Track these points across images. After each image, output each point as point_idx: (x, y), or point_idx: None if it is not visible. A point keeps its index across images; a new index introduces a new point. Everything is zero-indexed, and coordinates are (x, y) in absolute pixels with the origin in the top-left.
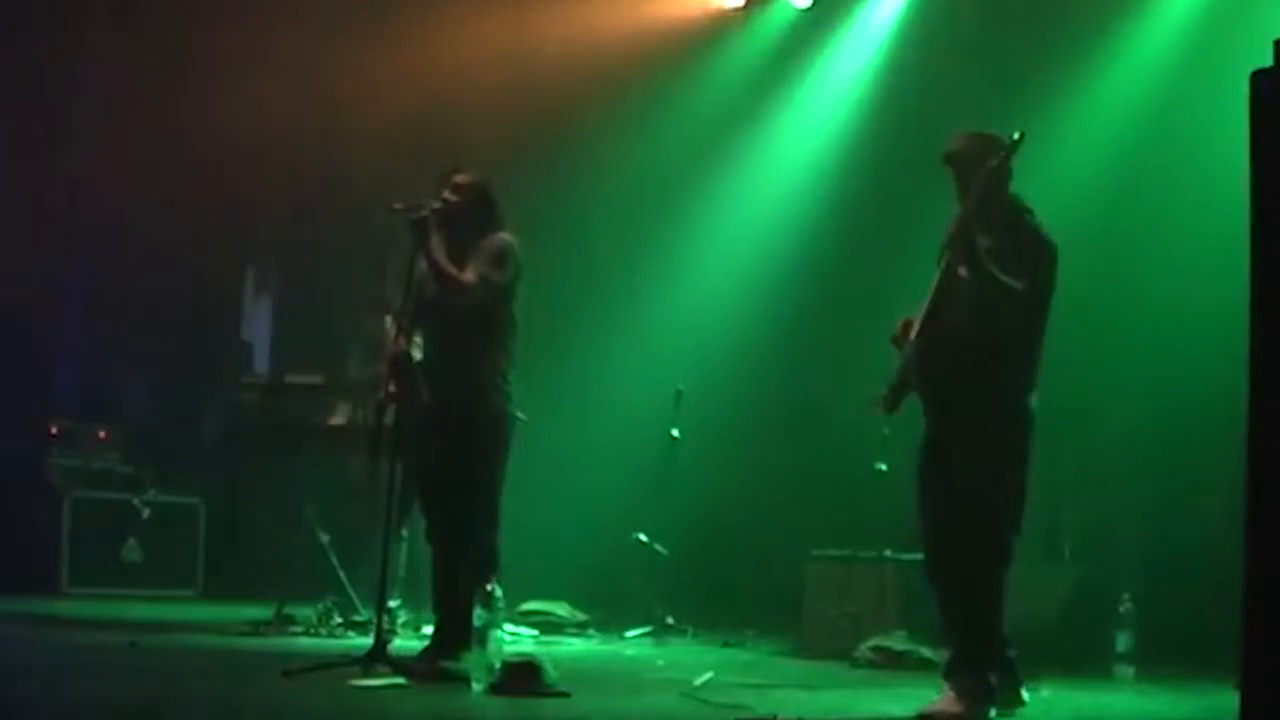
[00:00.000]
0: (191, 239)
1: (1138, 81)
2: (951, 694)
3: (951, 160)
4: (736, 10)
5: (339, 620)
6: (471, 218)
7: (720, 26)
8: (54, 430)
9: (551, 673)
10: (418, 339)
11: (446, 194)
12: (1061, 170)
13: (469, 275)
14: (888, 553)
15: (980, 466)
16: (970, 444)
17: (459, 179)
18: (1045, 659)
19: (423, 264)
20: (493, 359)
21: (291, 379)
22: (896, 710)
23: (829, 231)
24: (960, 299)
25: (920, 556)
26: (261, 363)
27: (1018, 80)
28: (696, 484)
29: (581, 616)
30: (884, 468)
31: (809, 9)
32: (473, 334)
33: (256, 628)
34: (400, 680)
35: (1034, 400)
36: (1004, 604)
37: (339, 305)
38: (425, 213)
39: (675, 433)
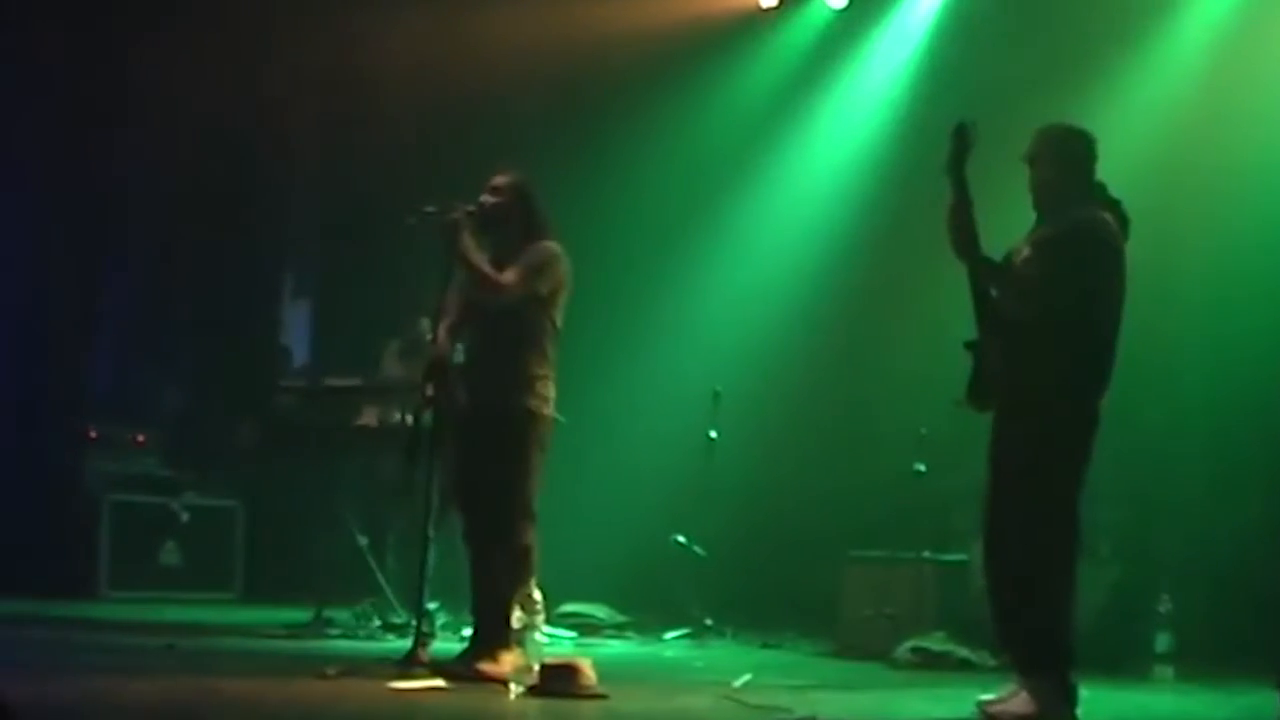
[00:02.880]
0: (230, 242)
1: (1178, 78)
2: (1025, 694)
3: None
4: (771, 10)
5: (377, 622)
6: (512, 220)
7: (755, 26)
8: (92, 434)
9: (590, 674)
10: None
11: (485, 196)
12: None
13: (507, 277)
14: (926, 553)
15: (1025, 466)
16: (1012, 443)
17: (497, 181)
18: (1083, 659)
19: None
20: (530, 362)
21: (330, 382)
22: (935, 712)
23: (867, 231)
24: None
25: (959, 557)
26: (300, 366)
27: (1056, 80)
28: (735, 485)
29: (620, 618)
30: (922, 468)
31: (845, 9)
32: (510, 337)
33: (295, 630)
34: (438, 682)
35: (1091, 398)
36: (1067, 604)
37: (378, 308)
38: (456, 215)
39: (713, 434)
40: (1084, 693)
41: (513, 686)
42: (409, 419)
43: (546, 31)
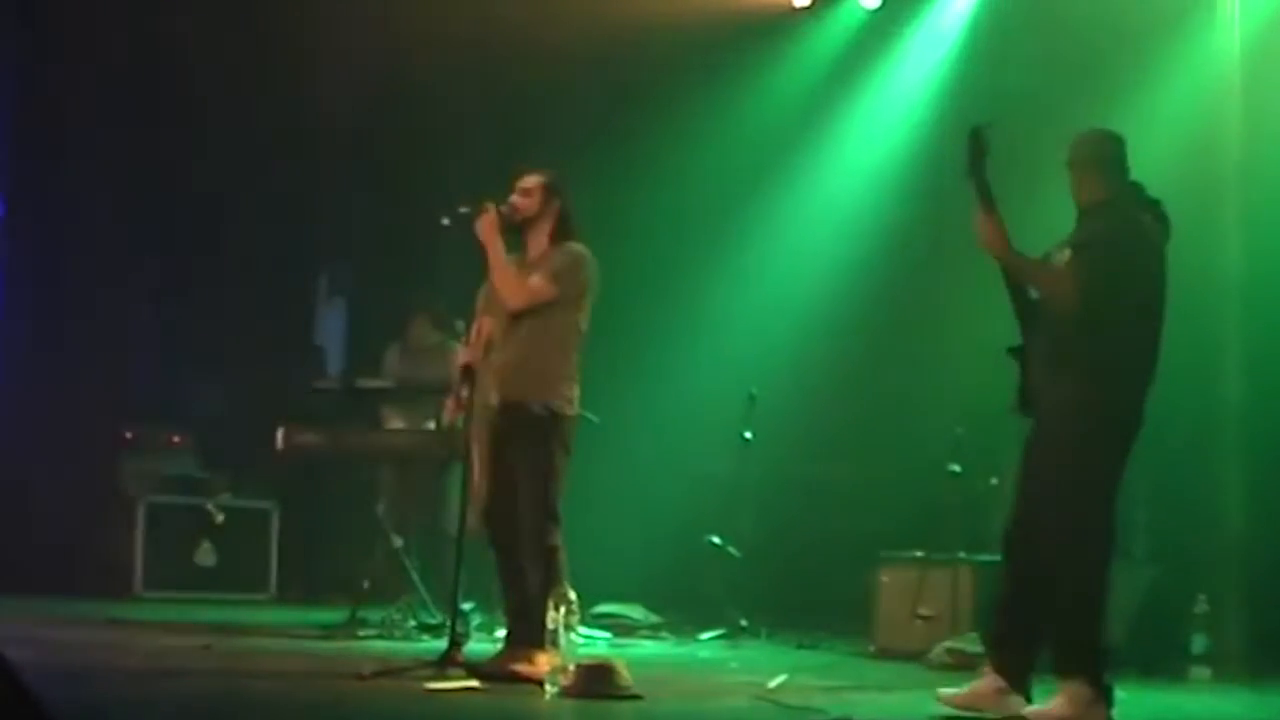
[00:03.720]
0: (265, 243)
1: (1211, 83)
2: (1063, 697)
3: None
4: (804, 9)
5: (412, 623)
6: (541, 221)
7: (788, 26)
8: (128, 436)
9: (625, 675)
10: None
11: (515, 197)
12: (1139, 172)
13: (534, 282)
14: (961, 554)
15: (1064, 466)
16: (1051, 444)
17: (527, 182)
18: (1120, 661)
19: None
20: (555, 363)
21: (364, 383)
22: (970, 713)
23: (901, 231)
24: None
25: (994, 557)
26: (334, 367)
27: (1091, 81)
28: (769, 486)
29: (655, 619)
30: (957, 469)
31: (878, 9)
32: (536, 339)
33: (330, 631)
34: (474, 683)
35: (1132, 400)
36: (1102, 606)
37: (412, 309)
38: (488, 215)
39: (748, 435)
40: (1120, 694)
41: (547, 687)
42: (436, 423)
43: (580, 30)
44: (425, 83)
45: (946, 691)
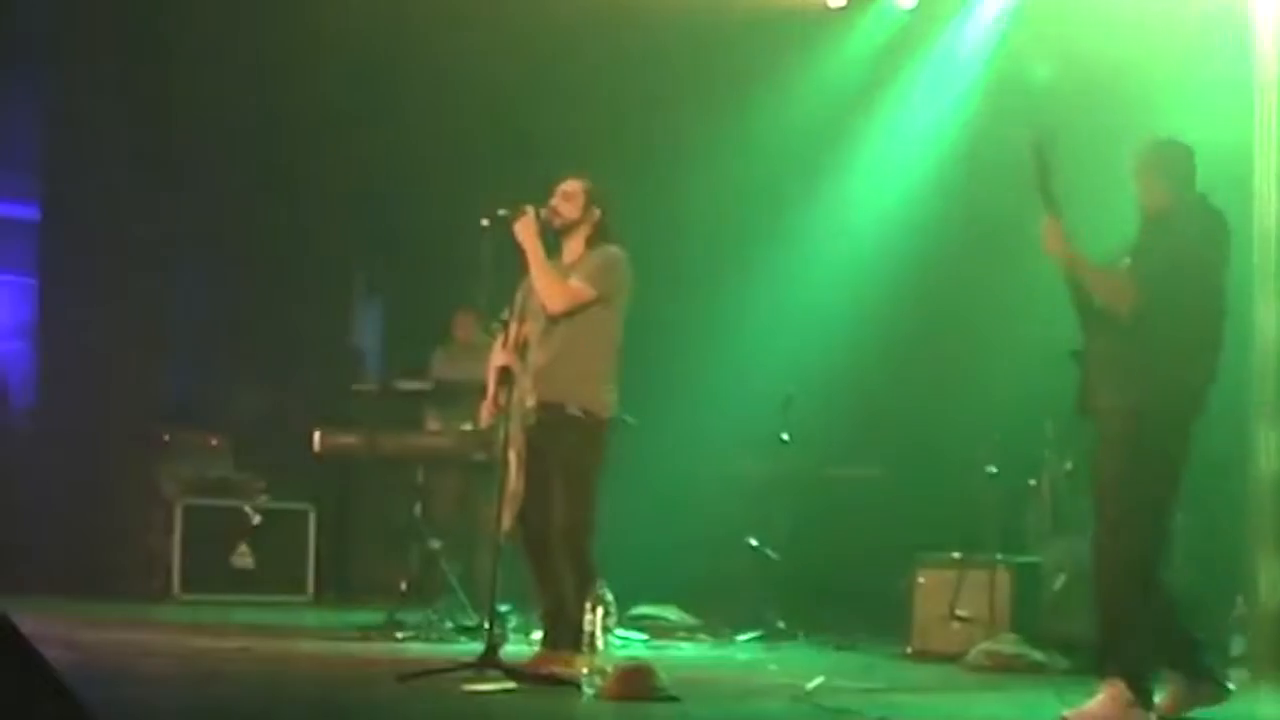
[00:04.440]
0: (302, 244)
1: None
2: (1103, 698)
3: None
4: (839, 9)
5: (449, 625)
6: (580, 226)
7: (823, 27)
8: (165, 438)
9: (662, 677)
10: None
11: (555, 202)
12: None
13: (573, 285)
14: (999, 555)
15: (1111, 470)
16: (1105, 448)
17: (567, 187)
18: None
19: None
20: (593, 366)
21: (402, 385)
22: (1008, 715)
23: (940, 232)
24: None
25: (1032, 559)
26: (372, 369)
27: (1126, 84)
28: (806, 487)
29: (692, 621)
30: (994, 470)
31: (914, 9)
32: (574, 341)
33: (367, 633)
34: (511, 685)
35: (1193, 407)
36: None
37: (448, 311)
38: (527, 218)
39: (785, 437)
40: (1156, 698)
41: (584, 689)
42: (472, 426)
43: (615, 31)
44: (463, 83)
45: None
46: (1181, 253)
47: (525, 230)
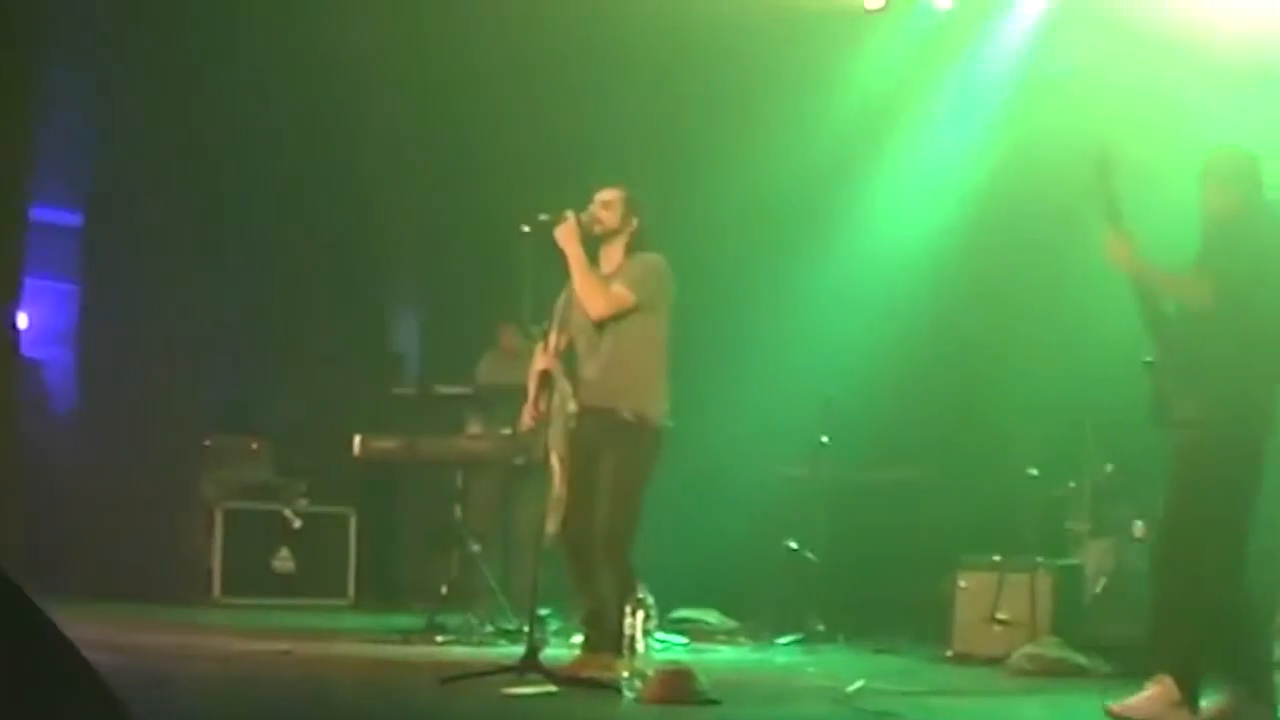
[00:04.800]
0: (343, 249)
1: None
2: (1149, 695)
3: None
4: (877, 11)
5: (490, 628)
6: (620, 234)
7: (861, 28)
8: (207, 443)
9: (702, 680)
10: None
11: (596, 210)
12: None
13: (617, 290)
14: (1040, 558)
15: (1185, 479)
16: (1178, 456)
17: (607, 195)
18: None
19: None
20: (647, 372)
21: (442, 389)
22: (1049, 718)
23: (981, 232)
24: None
25: (1073, 561)
26: (412, 373)
27: (1164, 85)
28: (846, 490)
29: (731, 624)
30: (1035, 473)
31: (952, 10)
32: (624, 348)
33: (408, 636)
34: (552, 689)
35: (1254, 411)
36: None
37: (487, 316)
38: (569, 223)
39: (825, 439)
40: (1203, 702)
41: (625, 692)
42: (512, 430)
43: (649, 33)
44: (498, 88)
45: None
46: (1255, 254)
47: (566, 235)
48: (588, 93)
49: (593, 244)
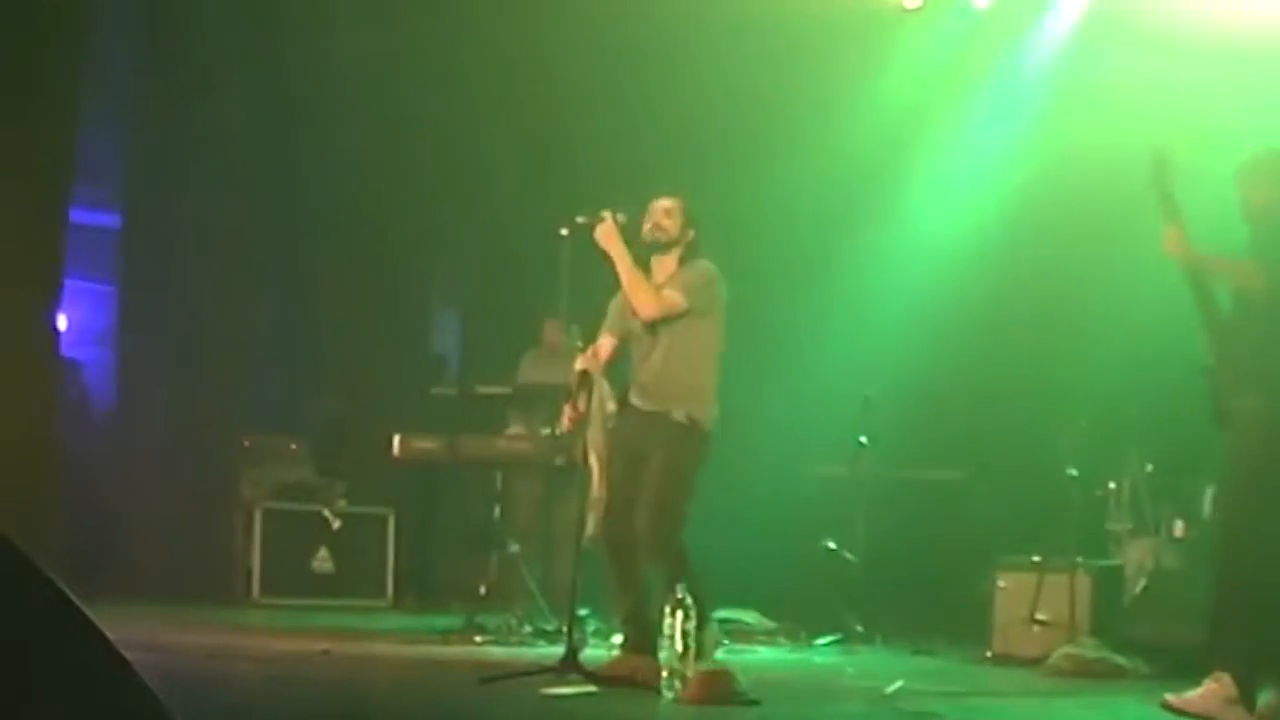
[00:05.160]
0: (382, 249)
1: None
2: (1206, 690)
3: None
4: (915, 10)
5: (529, 629)
6: (676, 245)
7: (900, 27)
8: (246, 443)
9: (741, 681)
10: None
11: (659, 219)
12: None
13: (670, 295)
14: (1079, 559)
15: (1241, 479)
16: (1234, 457)
17: (668, 204)
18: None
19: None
20: (702, 376)
21: (482, 389)
22: (1089, 719)
23: (1018, 234)
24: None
25: (1113, 562)
26: (451, 373)
27: (1205, 83)
28: (885, 490)
29: (770, 624)
30: (1074, 473)
31: (990, 8)
32: (678, 352)
33: (447, 637)
34: (591, 689)
35: None
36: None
37: (526, 316)
38: (608, 225)
39: (863, 439)
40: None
41: (664, 692)
42: (554, 430)
43: (688, 36)
44: (537, 87)
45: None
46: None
47: (608, 237)
48: (626, 93)
49: (644, 251)
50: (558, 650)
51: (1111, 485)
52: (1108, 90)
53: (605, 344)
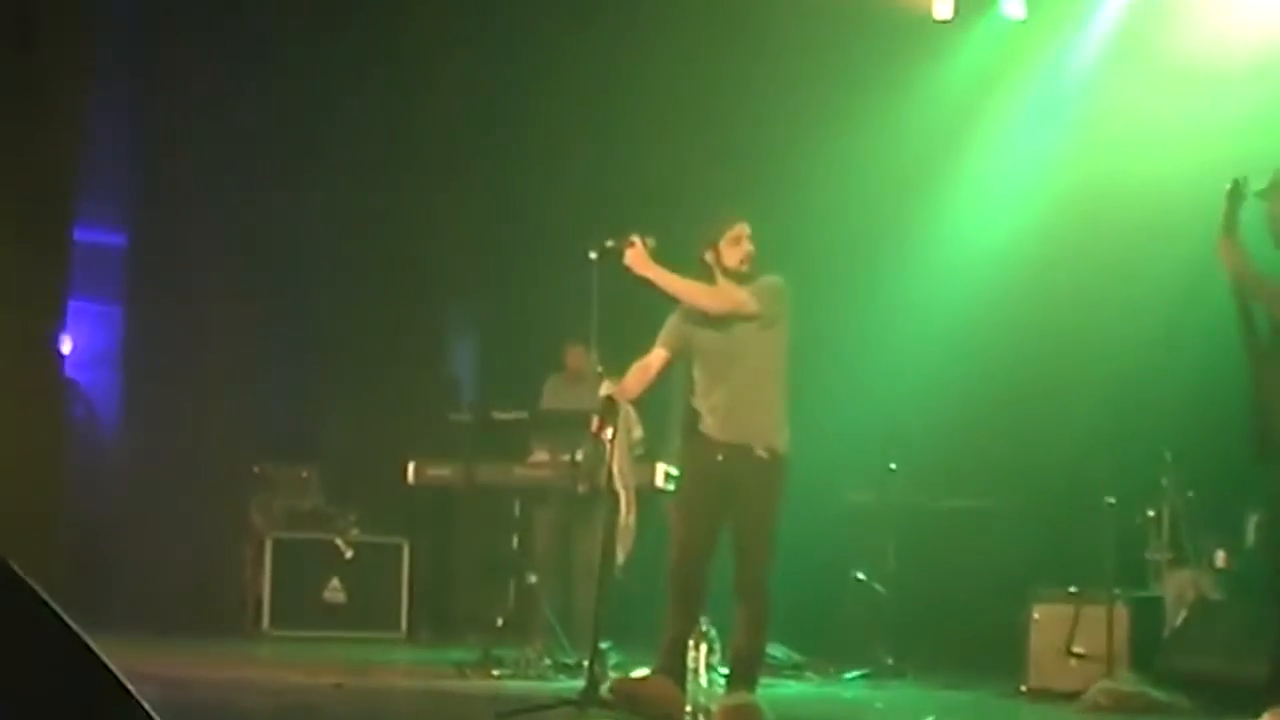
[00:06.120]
0: (396, 271)
1: None
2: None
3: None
4: (946, 22)
5: (548, 662)
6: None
7: (930, 40)
8: (256, 470)
9: (768, 716)
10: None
11: (748, 250)
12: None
13: (737, 294)
14: (1117, 590)
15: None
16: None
17: (747, 231)
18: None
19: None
20: (775, 402)
21: (499, 415)
22: None
23: (1055, 254)
24: None
25: (1153, 593)
26: (469, 398)
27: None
28: (915, 518)
29: (797, 658)
30: (1112, 500)
31: (1026, 20)
32: (755, 377)
33: (463, 670)
34: None
35: None
36: None
37: (541, 342)
38: (637, 249)
39: (893, 466)
40: None
41: None
42: (577, 457)
43: (709, 50)
44: (554, 106)
45: None
46: None
47: (639, 260)
48: (650, 110)
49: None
50: (577, 684)
51: (1150, 513)
52: (1142, 103)
53: (656, 358)
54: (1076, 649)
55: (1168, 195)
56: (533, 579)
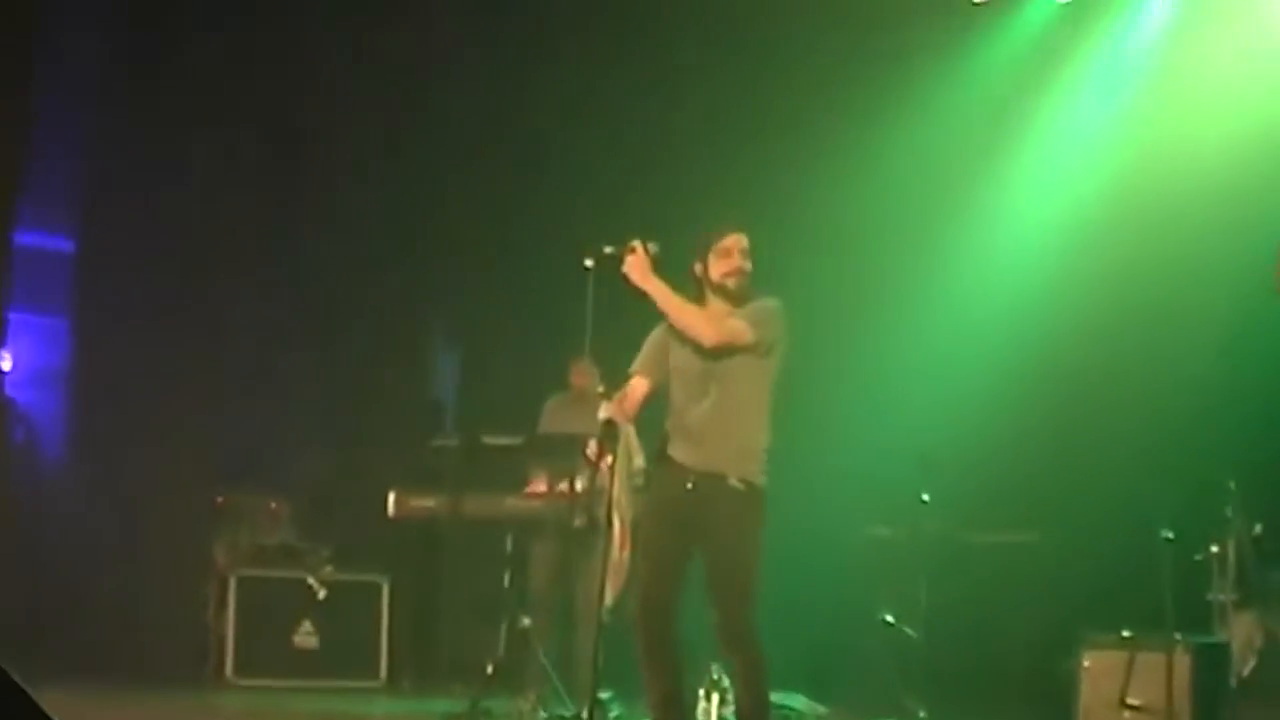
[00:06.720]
0: (373, 285)
1: None
2: None
3: None
4: (984, 4)
5: (543, 714)
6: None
7: (968, 24)
8: (219, 500)
9: None
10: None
11: (740, 264)
12: None
13: (731, 321)
14: (1177, 635)
15: None
16: None
17: (744, 243)
18: None
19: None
20: (755, 430)
21: (489, 440)
22: None
23: (1106, 264)
24: None
25: (1217, 638)
26: (452, 423)
27: None
28: (950, 555)
29: (821, 709)
30: (1170, 535)
31: (1069, 2)
32: (734, 403)
33: None
34: None
35: None
36: None
37: (535, 359)
38: (638, 255)
39: (926, 497)
40: None
41: None
42: (576, 485)
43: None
44: (545, 114)
45: None
46: None
47: (638, 268)
48: (655, 107)
49: (696, 290)
50: None
51: (1214, 549)
52: (1199, 83)
53: (637, 388)
54: (1132, 700)
55: (1229, 193)
56: (526, 621)
